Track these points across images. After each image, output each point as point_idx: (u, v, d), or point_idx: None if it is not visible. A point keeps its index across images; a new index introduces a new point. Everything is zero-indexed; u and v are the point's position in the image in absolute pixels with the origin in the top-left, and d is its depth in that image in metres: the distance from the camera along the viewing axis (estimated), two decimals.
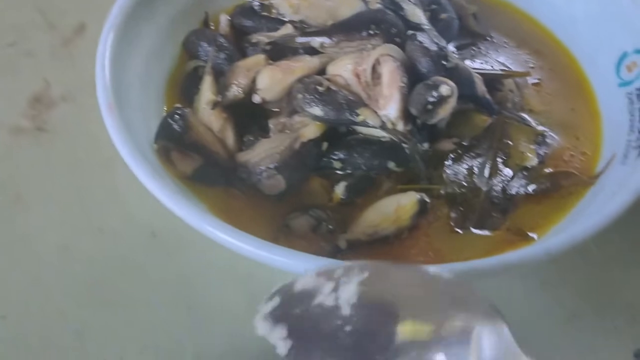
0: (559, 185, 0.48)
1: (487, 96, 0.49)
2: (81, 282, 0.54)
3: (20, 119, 0.65)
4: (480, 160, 0.49)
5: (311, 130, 0.47)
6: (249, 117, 0.50)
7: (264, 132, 0.49)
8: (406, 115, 0.46)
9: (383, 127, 0.46)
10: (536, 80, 0.56)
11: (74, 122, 0.65)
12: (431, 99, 0.46)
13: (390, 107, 0.46)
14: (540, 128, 0.52)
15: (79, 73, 0.69)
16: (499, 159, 0.50)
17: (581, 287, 0.56)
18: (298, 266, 0.39)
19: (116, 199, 0.60)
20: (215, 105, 0.47)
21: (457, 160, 0.48)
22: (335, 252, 0.44)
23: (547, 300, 0.55)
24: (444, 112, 0.46)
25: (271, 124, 0.50)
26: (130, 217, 0.58)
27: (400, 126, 0.46)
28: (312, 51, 0.51)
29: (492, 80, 0.51)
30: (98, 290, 0.54)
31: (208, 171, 0.47)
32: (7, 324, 0.52)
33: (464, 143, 0.49)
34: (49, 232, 0.57)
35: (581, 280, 0.56)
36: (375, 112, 0.47)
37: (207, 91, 0.50)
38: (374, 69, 0.48)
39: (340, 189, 0.47)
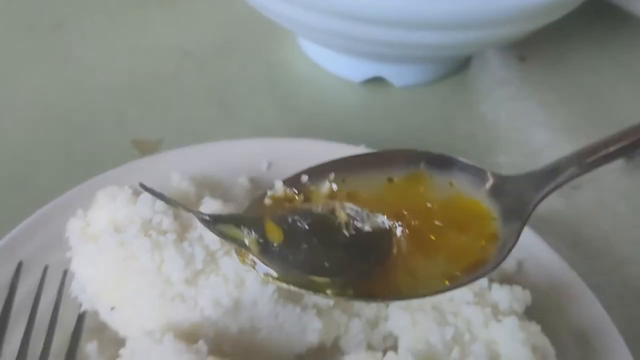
0: None
1: None
2: (117, 86, 0.58)
3: None
4: None
5: None
6: None
7: None
8: None
9: None
10: None
11: None
12: None
13: None
14: None
15: None
16: None
17: None
18: None
19: (147, 26, 0.64)
20: None
21: None
22: None
23: None
24: None
25: None
26: (161, 40, 0.63)
27: None
28: None
29: None
30: (133, 93, 0.57)
31: None
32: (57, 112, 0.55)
33: None
34: (86, 51, 0.61)
35: None
36: None
37: None
38: None
39: None
